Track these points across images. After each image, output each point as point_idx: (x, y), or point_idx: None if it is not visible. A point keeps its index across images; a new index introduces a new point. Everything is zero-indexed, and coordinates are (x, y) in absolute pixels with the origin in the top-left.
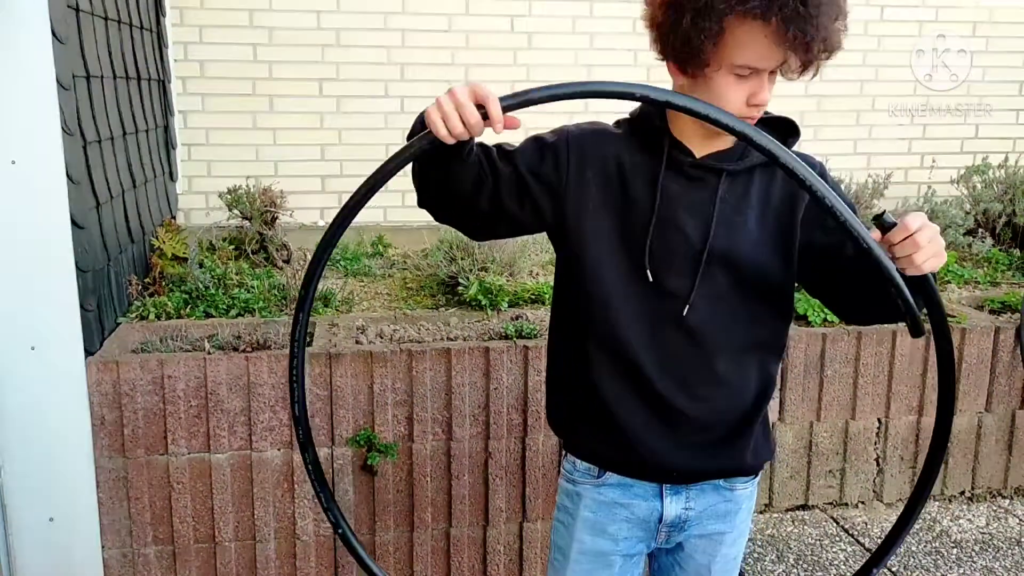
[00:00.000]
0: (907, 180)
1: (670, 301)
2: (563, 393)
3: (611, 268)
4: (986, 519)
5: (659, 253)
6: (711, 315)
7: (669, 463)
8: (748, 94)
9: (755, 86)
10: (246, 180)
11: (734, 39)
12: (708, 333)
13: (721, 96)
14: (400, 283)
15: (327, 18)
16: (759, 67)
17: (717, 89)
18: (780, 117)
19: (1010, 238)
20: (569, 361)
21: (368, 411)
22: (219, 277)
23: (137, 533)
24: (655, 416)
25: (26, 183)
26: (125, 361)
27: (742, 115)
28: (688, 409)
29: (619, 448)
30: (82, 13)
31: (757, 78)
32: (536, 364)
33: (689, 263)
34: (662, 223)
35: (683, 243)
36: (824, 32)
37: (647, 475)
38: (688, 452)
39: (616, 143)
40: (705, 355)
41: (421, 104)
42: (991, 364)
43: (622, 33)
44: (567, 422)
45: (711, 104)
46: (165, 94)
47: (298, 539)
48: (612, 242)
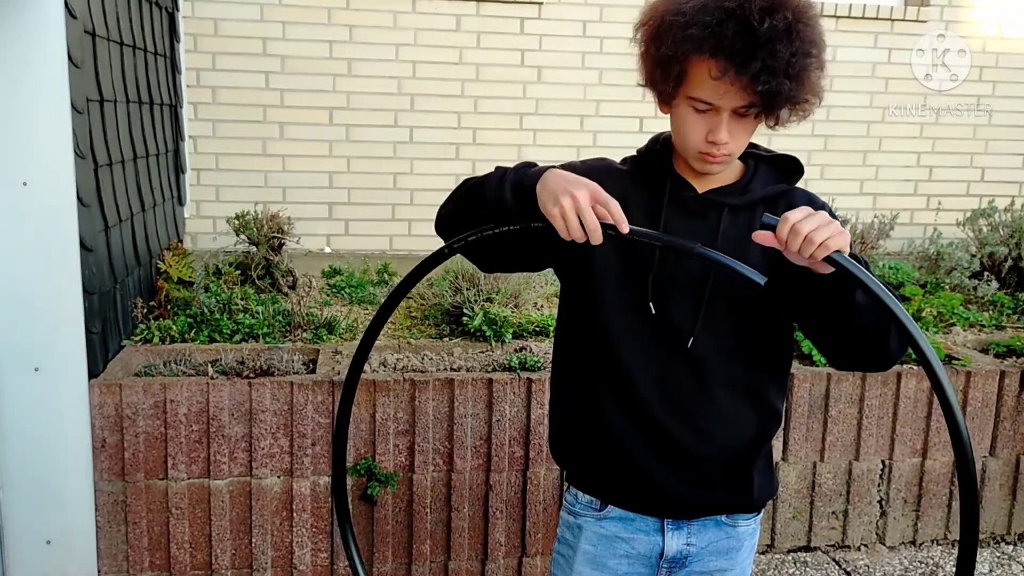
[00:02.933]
0: (913, 221)
1: (673, 334)
2: (565, 424)
3: (615, 301)
4: (989, 565)
5: (662, 287)
6: (714, 348)
7: (671, 496)
8: (706, 130)
9: (712, 123)
10: (254, 205)
11: (690, 76)
12: (711, 366)
13: (682, 129)
14: (404, 312)
15: (339, 48)
16: (715, 103)
17: (679, 122)
18: (784, 155)
19: (1016, 281)
20: (572, 392)
21: (369, 440)
22: (224, 302)
23: (134, 558)
24: (657, 448)
25: (37, 204)
26: (128, 384)
27: (700, 150)
28: (690, 442)
29: (621, 480)
30: (98, 38)
31: (716, 115)
32: (539, 397)
33: (692, 297)
34: (665, 258)
35: (686, 277)
36: (780, 73)
37: (649, 508)
38: (690, 486)
39: (620, 179)
40: (707, 388)
41: (429, 134)
42: (996, 408)
43: (631, 70)
44: (569, 453)
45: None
46: (176, 119)
47: (295, 568)
48: (616, 276)
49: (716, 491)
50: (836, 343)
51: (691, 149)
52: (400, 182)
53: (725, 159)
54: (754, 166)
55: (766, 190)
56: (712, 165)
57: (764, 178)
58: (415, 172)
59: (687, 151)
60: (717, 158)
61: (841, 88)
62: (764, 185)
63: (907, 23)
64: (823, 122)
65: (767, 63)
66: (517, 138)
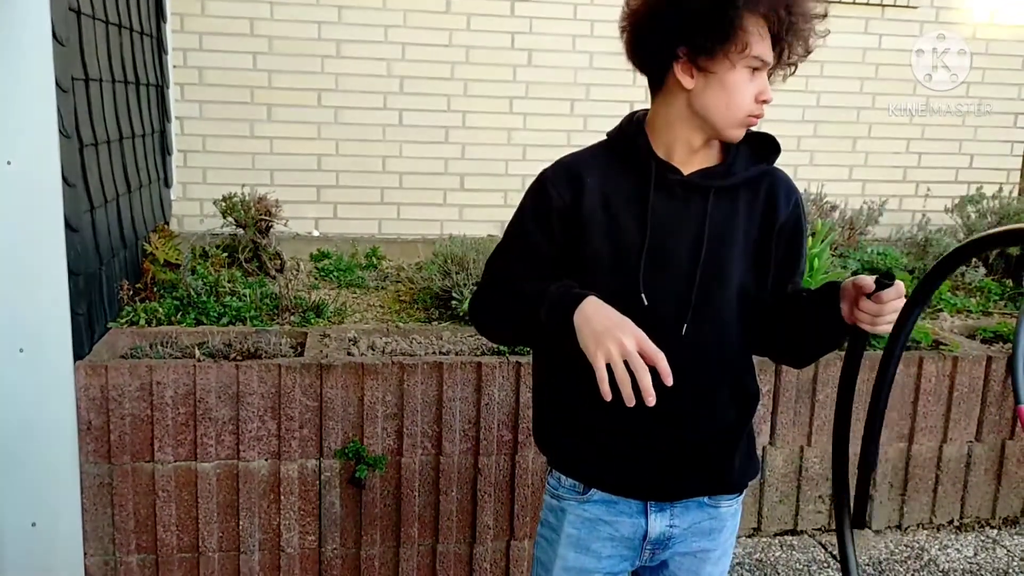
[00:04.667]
0: (901, 208)
1: (665, 323)
2: (549, 409)
3: (605, 293)
4: (974, 549)
5: (652, 277)
6: (704, 334)
7: (654, 479)
8: (758, 91)
9: (763, 83)
10: (241, 188)
11: (746, 32)
12: (700, 352)
13: (735, 92)
14: (393, 296)
15: (328, 29)
16: (767, 60)
17: (735, 87)
18: (761, 133)
19: (1003, 268)
20: (555, 379)
21: (357, 423)
22: (211, 284)
23: (120, 540)
24: (641, 434)
25: (21, 184)
26: (114, 366)
27: (751, 113)
28: (675, 427)
29: (604, 465)
30: (83, 16)
31: (762, 75)
32: (528, 380)
33: (683, 284)
34: (653, 247)
35: (676, 264)
36: (808, 31)
37: (632, 492)
38: (673, 469)
39: (596, 169)
40: (695, 373)
41: (419, 117)
42: (982, 393)
43: (621, 53)
44: (552, 438)
45: None
46: (163, 100)
47: (283, 551)
48: (605, 268)
49: (699, 474)
50: (792, 353)
51: (740, 114)
52: (389, 165)
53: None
54: (736, 146)
55: (748, 172)
56: (744, 130)
57: (745, 158)
58: (404, 155)
59: (731, 118)
60: (758, 119)
61: (831, 74)
62: (746, 166)
63: (898, 9)
64: (813, 108)
65: (807, 23)
66: (507, 122)
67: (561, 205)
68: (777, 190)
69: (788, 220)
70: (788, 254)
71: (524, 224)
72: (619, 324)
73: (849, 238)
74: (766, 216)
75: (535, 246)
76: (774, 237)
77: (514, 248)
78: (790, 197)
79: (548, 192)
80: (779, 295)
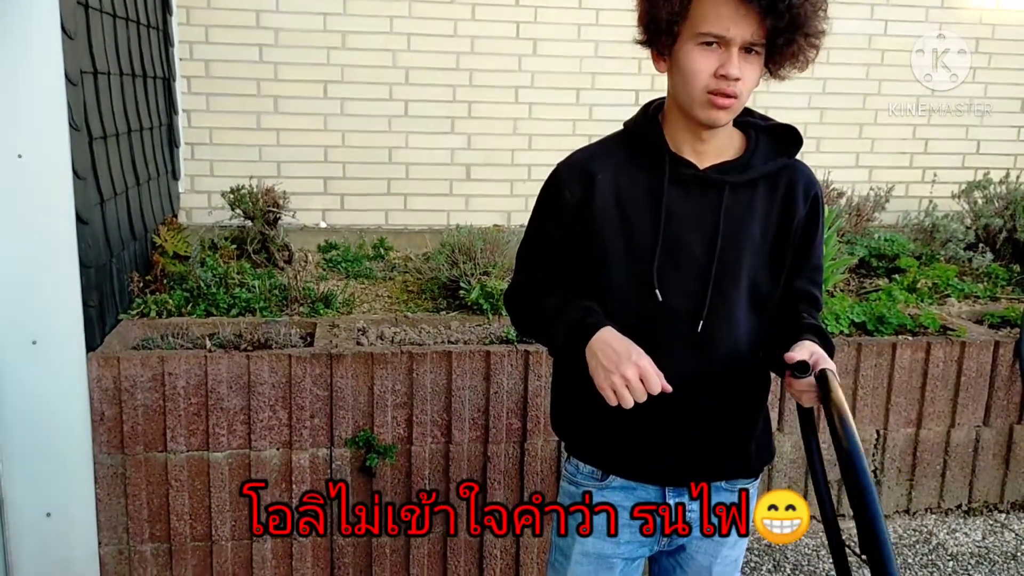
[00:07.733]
0: (908, 194)
1: (680, 318)
2: (567, 401)
3: (620, 288)
4: (982, 533)
5: (667, 272)
6: (719, 329)
7: (672, 467)
8: (716, 65)
9: (723, 58)
10: (249, 180)
11: (698, 11)
12: (716, 346)
13: (688, 69)
14: (401, 286)
15: (333, 20)
16: (725, 36)
17: (686, 64)
18: (782, 125)
19: (1010, 253)
20: (575, 372)
21: (368, 412)
22: (220, 276)
23: (134, 530)
24: (660, 426)
25: (32, 177)
26: (126, 357)
27: (709, 88)
28: (693, 416)
29: (622, 451)
30: (91, 9)
31: (725, 51)
32: (536, 369)
33: (698, 280)
34: (668, 242)
35: (691, 260)
36: (790, 6)
37: (650, 477)
38: (691, 456)
39: (610, 164)
40: (712, 367)
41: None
42: (990, 378)
43: (627, 42)
44: (572, 427)
45: None
46: (170, 92)
47: (295, 539)
48: (620, 263)
49: (716, 459)
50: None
51: (699, 90)
52: (395, 156)
53: (733, 102)
54: (755, 138)
55: (767, 166)
56: (720, 111)
57: (764, 151)
58: (410, 146)
59: (694, 96)
60: (728, 97)
61: (837, 60)
62: (765, 160)
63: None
64: (819, 95)
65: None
66: (512, 111)
67: (574, 203)
68: (796, 185)
69: (805, 216)
70: (799, 249)
71: (542, 219)
72: (623, 358)
73: (856, 225)
74: (784, 212)
75: (555, 240)
76: (792, 234)
77: (536, 242)
78: (809, 192)
79: (560, 190)
80: (785, 292)
